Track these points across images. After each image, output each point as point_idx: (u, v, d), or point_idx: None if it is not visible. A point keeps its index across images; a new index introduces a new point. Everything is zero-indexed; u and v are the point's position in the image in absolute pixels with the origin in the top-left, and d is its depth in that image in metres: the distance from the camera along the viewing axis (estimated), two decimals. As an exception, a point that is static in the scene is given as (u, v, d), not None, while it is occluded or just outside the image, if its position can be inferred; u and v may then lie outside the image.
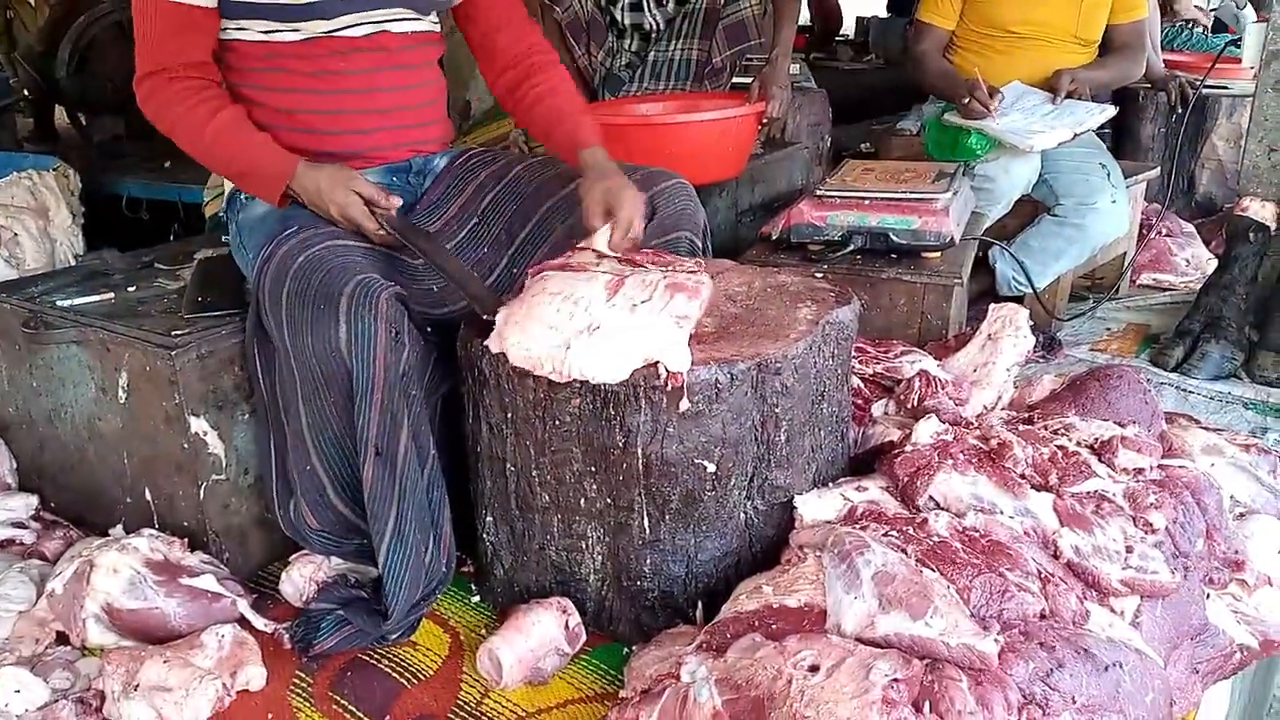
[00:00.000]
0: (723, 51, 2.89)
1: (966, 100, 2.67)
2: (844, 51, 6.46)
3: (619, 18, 2.99)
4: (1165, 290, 3.21)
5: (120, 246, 2.22)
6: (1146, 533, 1.50)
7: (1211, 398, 2.40)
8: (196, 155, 1.75)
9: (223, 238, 2.03)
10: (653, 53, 2.95)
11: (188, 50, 1.69)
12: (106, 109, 4.52)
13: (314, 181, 1.68)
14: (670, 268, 1.58)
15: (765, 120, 2.70)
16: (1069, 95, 2.72)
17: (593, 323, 1.45)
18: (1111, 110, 2.71)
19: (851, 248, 2.30)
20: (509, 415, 1.55)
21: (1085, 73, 2.82)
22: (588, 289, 1.50)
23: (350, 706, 1.51)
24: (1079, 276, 3.05)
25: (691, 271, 1.56)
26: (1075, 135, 2.60)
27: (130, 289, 1.92)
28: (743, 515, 1.57)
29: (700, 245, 1.95)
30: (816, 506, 1.56)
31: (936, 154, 2.82)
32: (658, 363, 1.44)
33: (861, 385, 1.98)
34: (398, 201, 1.71)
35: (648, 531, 1.55)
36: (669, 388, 1.44)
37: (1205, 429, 1.93)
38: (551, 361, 1.45)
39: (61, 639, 1.62)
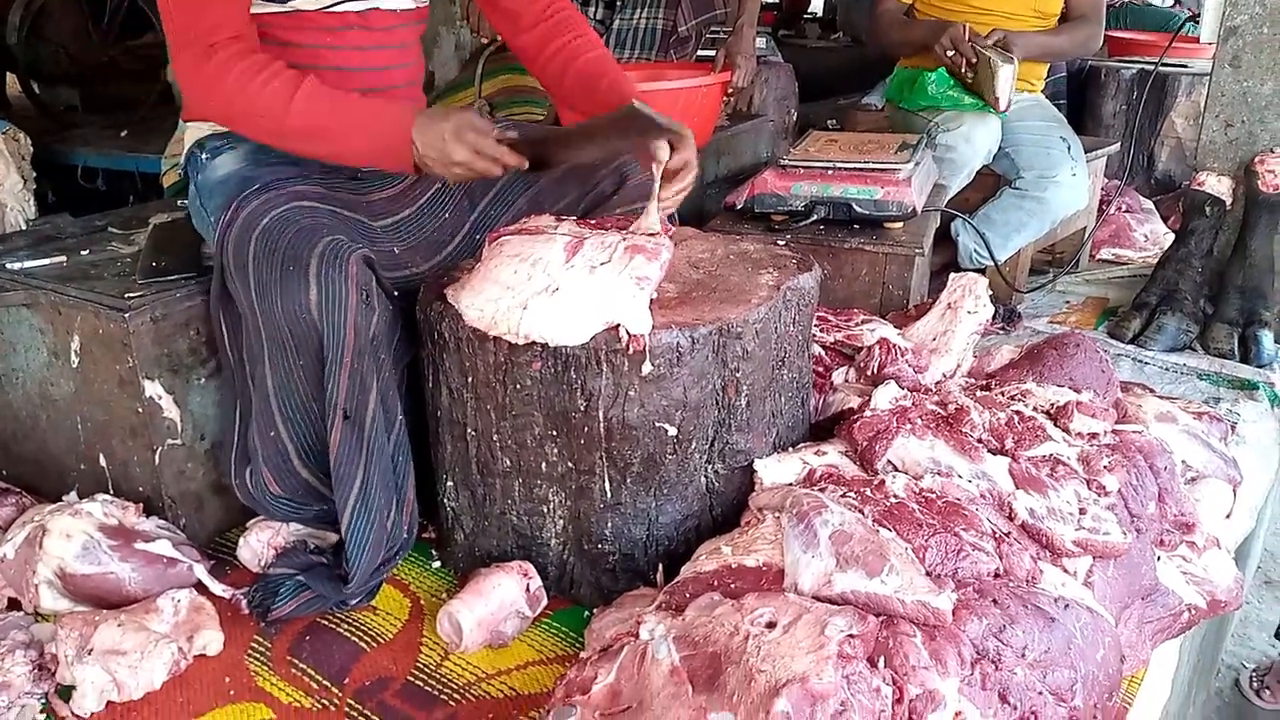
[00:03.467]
0: (688, 20, 2.88)
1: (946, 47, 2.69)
2: (811, 29, 6.47)
3: (584, -15, 2.97)
4: (1124, 264, 3.25)
5: (75, 216, 2.17)
6: (1099, 495, 1.52)
7: (1167, 369, 2.43)
8: (281, 135, 1.61)
9: (179, 202, 2.00)
10: (617, 21, 2.93)
11: (232, 17, 1.57)
12: (61, 78, 4.42)
13: (438, 133, 1.57)
14: (630, 230, 1.58)
15: (731, 90, 2.70)
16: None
17: (551, 284, 1.44)
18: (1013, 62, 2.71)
19: (815, 218, 2.30)
20: (469, 379, 1.54)
21: (1045, 39, 2.85)
22: (546, 251, 1.49)
23: (309, 670, 1.50)
24: (1039, 250, 3.08)
25: (651, 234, 1.55)
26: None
27: (83, 253, 1.88)
28: (703, 479, 1.58)
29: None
30: (776, 470, 1.57)
31: (895, 97, 2.84)
32: (618, 325, 1.44)
33: (823, 353, 1.99)
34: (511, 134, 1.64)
35: (609, 495, 1.55)
36: (630, 350, 1.43)
37: (1160, 397, 1.96)
38: (507, 323, 1.44)
39: (13, 605, 1.60)
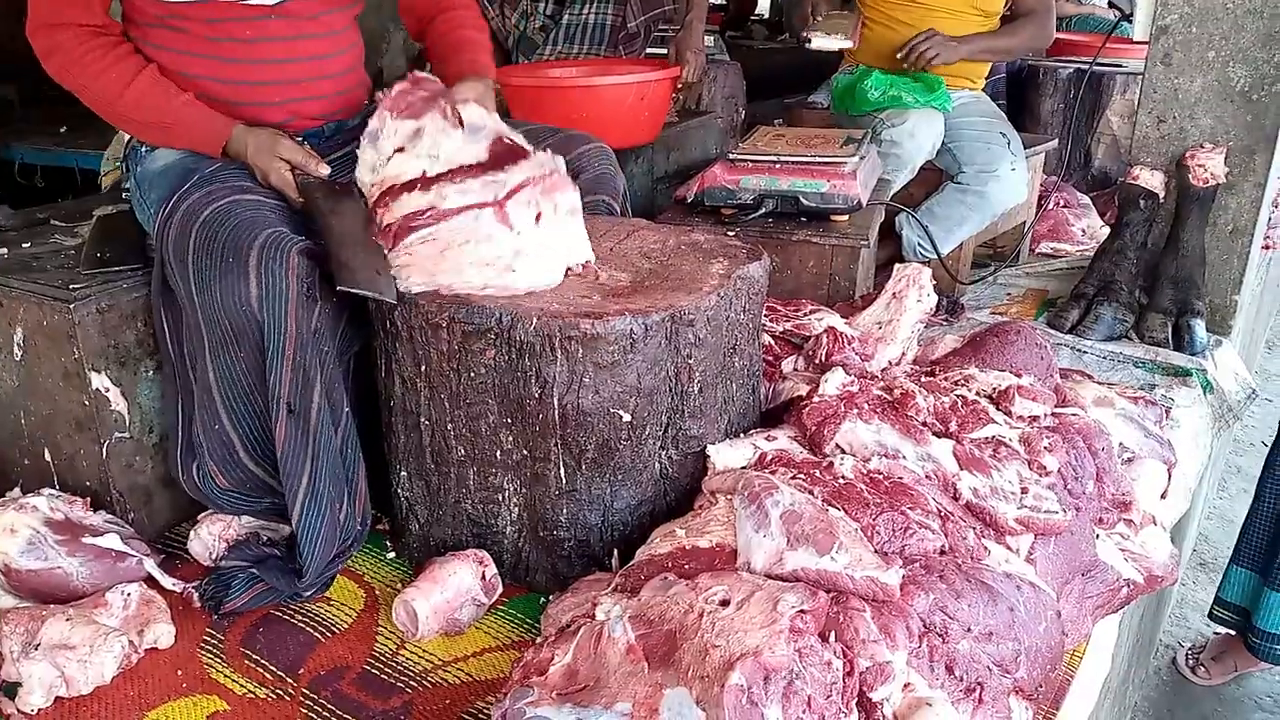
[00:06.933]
0: (637, 16, 2.90)
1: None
2: (758, 31, 6.54)
3: (533, -20, 2.98)
4: (1062, 257, 3.33)
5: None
6: (1040, 475, 1.57)
7: (1104, 357, 2.50)
8: (111, 117, 1.70)
9: (123, 193, 1.96)
10: (567, 16, 2.94)
11: (88, 7, 1.62)
12: (-4, 72, 4.32)
13: (243, 147, 1.66)
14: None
15: (680, 86, 2.72)
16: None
17: (518, 248, 1.53)
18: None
19: (763, 210, 2.34)
20: (422, 369, 1.55)
21: (996, 40, 2.92)
22: (488, 226, 1.53)
23: (263, 661, 1.49)
24: (981, 244, 3.15)
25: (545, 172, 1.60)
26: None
27: (24, 245, 1.85)
28: (657, 465, 1.59)
29: (619, 209, 1.97)
30: (728, 455, 1.59)
31: (839, 106, 2.89)
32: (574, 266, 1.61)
33: (772, 342, 2.02)
34: (325, 170, 1.67)
35: (564, 482, 1.56)
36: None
37: (1097, 383, 2.02)
38: (493, 288, 1.54)
39: (-44, 603, 1.57)
